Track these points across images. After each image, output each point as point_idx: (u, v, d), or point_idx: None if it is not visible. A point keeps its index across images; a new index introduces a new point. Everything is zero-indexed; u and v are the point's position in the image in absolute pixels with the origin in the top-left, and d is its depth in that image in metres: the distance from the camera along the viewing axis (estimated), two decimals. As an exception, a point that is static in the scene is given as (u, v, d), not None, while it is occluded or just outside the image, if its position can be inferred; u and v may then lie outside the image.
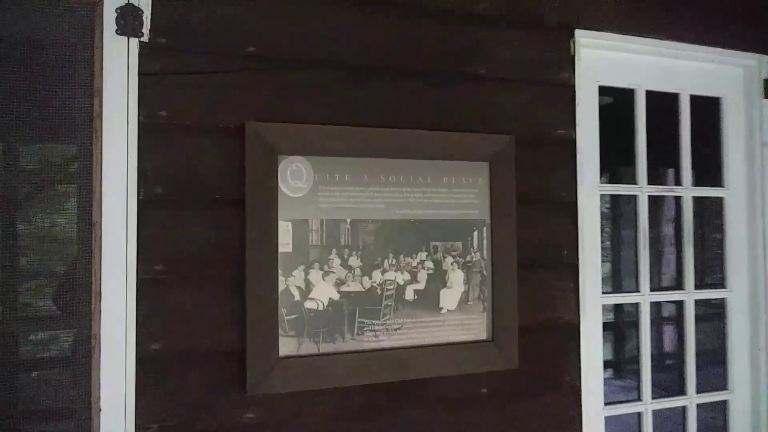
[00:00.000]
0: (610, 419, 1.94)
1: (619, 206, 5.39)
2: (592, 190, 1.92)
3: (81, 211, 1.41)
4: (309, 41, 1.60)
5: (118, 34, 1.41)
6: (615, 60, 2.00)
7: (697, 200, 2.17)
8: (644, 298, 2.06)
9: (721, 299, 2.18)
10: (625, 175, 2.74)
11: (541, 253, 1.82)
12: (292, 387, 1.51)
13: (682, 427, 2.11)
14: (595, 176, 1.94)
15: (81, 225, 1.40)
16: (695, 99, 2.13)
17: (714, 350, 2.22)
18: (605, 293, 1.96)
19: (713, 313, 2.29)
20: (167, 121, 1.46)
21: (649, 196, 2.07)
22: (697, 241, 2.14)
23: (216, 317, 1.48)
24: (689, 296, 2.12)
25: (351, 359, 1.57)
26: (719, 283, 2.20)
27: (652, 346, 2.11)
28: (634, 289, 2.08)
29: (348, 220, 1.60)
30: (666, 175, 3.43)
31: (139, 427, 1.40)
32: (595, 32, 1.90)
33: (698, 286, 2.13)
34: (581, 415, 1.84)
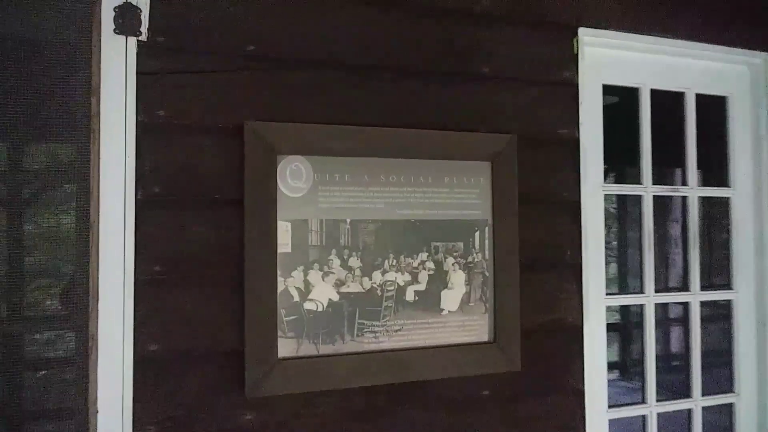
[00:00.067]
0: (614, 422, 1.92)
1: (626, 206, 5.35)
2: (595, 190, 1.90)
3: (79, 211, 1.40)
4: (309, 41, 1.59)
5: (117, 33, 1.41)
6: (619, 58, 1.97)
7: (704, 200, 2.15)
8: (649, 299, 2.03)
9: (727, 301, 2.15)
10: (630, 175, 2.71)
11: (544, 253, 1.80)
12: (292, 388, 1.50)
13: (687, 430, 2.09)
14: (599, 176, 1.92)
15: (79, 225, 1.40)
16: (701, 98, 2.10)
17: (720, 352, 2.19)
18: (610, 294, 1.93)
19: (719, 314, 2.26)
20: (166, 120, 1.46)
21: (656, 197, 2.04)
22: (703, 241, 2.11)
23: (215, 318, 1.47)
24: (695, 297, 2.10)
25: (351, 361, 1.56)
26: (725, 285, 2.17)
27: (658, 348, 2.09)
28: (639, 291, 2.05)
29: (348, 220, 1.59)
30: (672, 175, 3.40)
31: (137, 428, 1.39)
32: (599, 30, 1.88)
33: (704, 287, 2.11)
34: (584, 418, 1.82)
